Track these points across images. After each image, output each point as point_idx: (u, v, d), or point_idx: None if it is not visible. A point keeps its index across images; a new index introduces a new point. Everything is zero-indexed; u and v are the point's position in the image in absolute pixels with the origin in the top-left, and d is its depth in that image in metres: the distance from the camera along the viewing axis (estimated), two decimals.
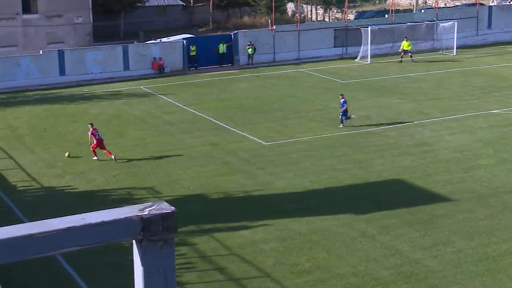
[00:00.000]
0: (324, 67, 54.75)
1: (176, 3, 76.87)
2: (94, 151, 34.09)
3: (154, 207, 3.03)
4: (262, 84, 49.67)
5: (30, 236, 2.73)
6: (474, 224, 26.22)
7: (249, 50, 55.50)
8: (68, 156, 34.70)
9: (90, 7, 61.65)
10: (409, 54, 55.51)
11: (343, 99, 38.56)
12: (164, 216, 2.95)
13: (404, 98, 44.83)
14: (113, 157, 33.93)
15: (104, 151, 34.10)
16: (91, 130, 34.19)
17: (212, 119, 40.91)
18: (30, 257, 2.72)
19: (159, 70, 53.22)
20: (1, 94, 47.69)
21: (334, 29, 59.41)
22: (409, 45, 55.55)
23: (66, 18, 60.37)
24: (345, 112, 38.64)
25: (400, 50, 55.90)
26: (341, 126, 38.47)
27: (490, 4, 73.39)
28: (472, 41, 62.35)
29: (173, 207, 3.01)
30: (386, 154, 34.17)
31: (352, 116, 38.82)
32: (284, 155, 34.42)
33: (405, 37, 56.08)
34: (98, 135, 33.98)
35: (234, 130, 38.67)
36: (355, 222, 26.55)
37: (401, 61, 55.51)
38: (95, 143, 33.93)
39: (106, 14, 69.39)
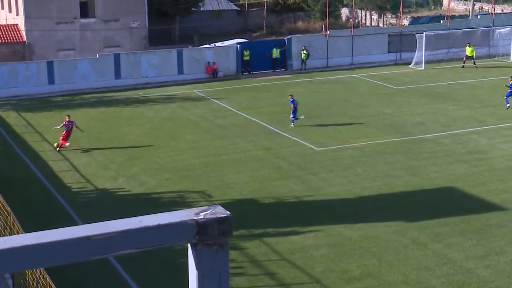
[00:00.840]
0: (378, 73, 54.43)
1: (230, 8, 77.30)
2: (63, 141, 36.42)
3: (209, 211, 3.09)
4: (316, 89, 49.61)
5: (88, 238, 2.81)
6: None
7: (303, 55, 55.51)
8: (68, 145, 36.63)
9: (146, 11, 62.36)
10: (472, 60, 54.95)
11: (292, 99, 39.59)
12: (219, 220, 3.01)
13: (459, 105, 44.32)
14: (55, 145, 36.46)
15: (62, 141, 36.37)
16: (66, 121, 36.41)
17: (265, 124, 41.00)
18: (88, 259, 2.80)
19: (213, 74, 53.56)
20: (59, 96, 48.57)
21: (389, 35, 59.05)
22: (472, 51, 55.02)
23: (123, 23, 61.19)
24: (294, 113, 39.47)
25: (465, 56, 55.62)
26: (292, 126, 39.59)
27: None
28: None
29: (228, 212, 3.08)
30: (440, 162, 33.81)
31: (300, 117, 39.49)
32: (337, 161, 34.31)
33: (468, 43, 55.58)
34: (70, 128, 36.31)
35: (287, 135, 38.70)
36: (407, 229, 26.33)
37: (463, 67, 55.05)
38: (64, 133, 36.33)
39: (161, 19, 70.13)
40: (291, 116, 39.90)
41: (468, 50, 55.34)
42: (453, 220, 27.00)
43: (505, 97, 42.56)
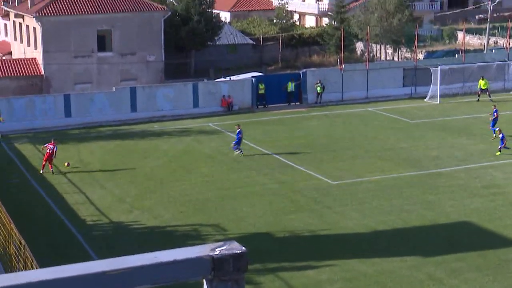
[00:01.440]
0: (393, 107, 54.43)
1: (246, 42, 77.76)
2: (44, 164, 38.53)
3: (225, 247, 3.11)
4: (331, 123, 49.65)
5: (104, 273, 2.83)
6: None
7: (318, 89, 55.64)
8: (67, 165, 39.10)
9: (163, 45, 62.88)
10: (487, 93, 54.95)
11: (239, 130, 41.21)
12: (235, 256, 3.03)
13: (474, 139, 44.20)
14: (52, 170, 38.43)
15: (48, 164, 38.51)
16: (51, 144, 38.57)
17: (280, 157, 41.01)
18: None
19: (228, 108, 53.75)
20: (75, 129, 48.84)
21: (403, 69, 59.11)
22: (485, 84, 55.05)
23: (139, 56, 61.69)
24: (237, 144, 41.19)
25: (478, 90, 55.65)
26: (238, 153, 41.09)
27: None
28: None
29: (243, 248, 3.09)
30: (455, 196, 33.66)
31: (240, 152, 41.09)
32: (352, 195, 34.23)
33: (482, 76, 55.63)
34: (52, 150, 38.25)
35: (302, 168, 38.68)
36: (422, 264, 26.15)
37: (478, 100, 55.05)
38: (46, 155, 38.41)
39: (177, 52, 70.64)
40: (233, 144, 41.76)
41: (482, 83, 55.35)
42: (470, 255, 26.81)
43: (491, 127, 44.47)
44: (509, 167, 38.12)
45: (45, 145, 39.32)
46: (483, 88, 55.32)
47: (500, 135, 40.36)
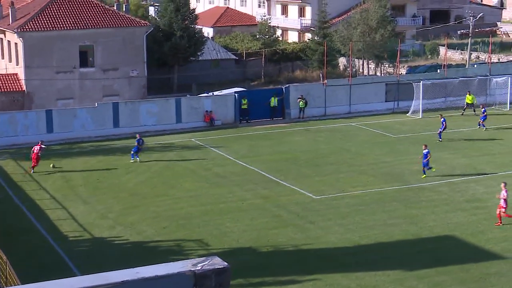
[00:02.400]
0: (376, 121, 54.62)
1: (229, 57, 77.85)
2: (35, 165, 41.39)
3: (207, 263, 3.11)
4: (314, 138, 49.73)
5: None
6: None
7: (301, 104, 55.74)
8: (53, 167, 41.64)
9: (145, 61, 62.84)
10: (473, 107, 55.39)
11: (138, 138, 43.78)
12: (217, 272, 3.03)
13: (457, 153, 44.42)
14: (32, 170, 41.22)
15: (34, 163, 41.34)
16: (37, 145, 41.60)
17: (263, 172, 41.02)
18: None
19: (211, 123, 53.75)
20: (58, 145, 48.59)
21: (386, 84, 59.41)
22: (472, 99, 55.55)
23: (122, 72, 61.60)
24: (135, 150, 43.50)
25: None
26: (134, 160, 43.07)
27: None
28: None
29: (226, 263, 3.09)
30: (438, 210, 33.78)
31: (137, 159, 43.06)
32: (335, 209, 34.29)
33: (468, 91, 56.10)
34: (38, 151, 41.37)
35: (285, 183, 38.70)
36: (406, 278, 26.20)
37: (462, 114, 55.54)
38: (33, 155, 41.32)
39: (160, 68, 70.59)
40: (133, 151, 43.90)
41: (469, 98, 55.77)
42: (452, 269, 26.90)
43: (481, 122, 49.67)
44: (491, 181, 38.31)
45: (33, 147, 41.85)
46: (469, 103, 55.69)
47: (425, 151, 39.37)
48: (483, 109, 51.10)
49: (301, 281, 26.18)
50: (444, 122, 48.08)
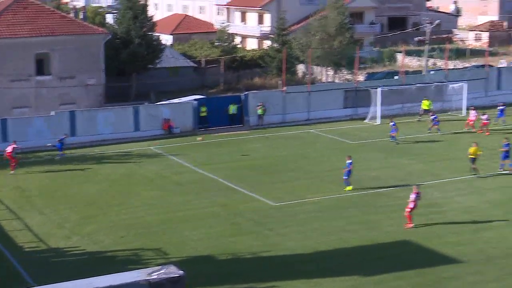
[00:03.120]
0: (334, 128, 54.88)
1: (187, 65, 77.67)
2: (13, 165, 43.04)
3: (162, 271, 3.07)
4: (272, 145, 49.79)
5: None
6: (483, 286, 26.01)
7: (259, 111, 55.78)
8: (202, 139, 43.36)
9: (103, 69, 62.40)
10: (430, 113, 55.77)
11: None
12: (172, 280, 2.99)
13: (414, 159, 44.81)
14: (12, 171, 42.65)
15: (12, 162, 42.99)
16: (13, 145, 43.36)
17: (222, 180, 40.95)
18: None
19: (169, 131, 53.51)
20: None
21: (344, 90, 59.75)
22: (429, 104, 56.09)
23: (79, 80, 61.08)
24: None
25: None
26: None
27: (499, 66, 73.74)
28: (481, 102, 62.46)
29: (181, 271, 3.06)
30: (395, 215, 34.00)
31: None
32: (293, 216, 34.34)
33: (425, 97, 56.66)
34: (13, 151, 42.93)
35: (243, 190, 38.66)
36: (363, 284, 26.33)
37: (419, 120, 56.02)
38: (7, 155, 43.03)
39: (118, 76, 70.14)
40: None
41: (425, 104, 56.32)
42: (409, 273, 27.11)
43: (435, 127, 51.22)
44: (447, 186, 38.72)
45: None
46: (426, 108, 56.23)
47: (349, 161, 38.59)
48: (434, 115, 52.25)
49: None
50: (394, 126, 48.99)
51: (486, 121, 51.28)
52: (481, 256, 28.73)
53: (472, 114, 52.33)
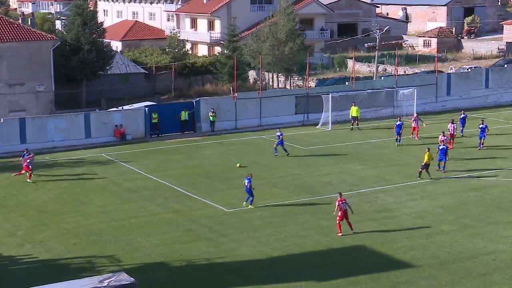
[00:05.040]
0: (286, 134, 54.91)
1: (138, 71, 77.23)
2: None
3: (113, 279, 3.00)
4: (225, 151, 49.73)
5: None
6: None
7: (211, 117, 55.68)
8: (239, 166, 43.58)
9: (52, 75, 61.66)
10: (357, 121, 55.86)
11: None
12: None
13: (366, 164, 45.17)
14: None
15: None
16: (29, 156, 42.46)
17: (175, 186, 40.74)
18: None
19: (121, 138, 53.09)
20: None
21: (296, 96, 60.01)
22: (357, 111, 55.83)
23: (28, 87, 60.30)
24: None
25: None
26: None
27: (449, 72, 74.92)
28: (432, 107, 63.40)
29: (133, 279, 2.98)
30: (349, 221, 34.16)
31: None
32: (247, 222, 34.32)
33: (354, 103, 56.53)
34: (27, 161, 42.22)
35: (197, 197, 38.52)
36: None
37: (351, 129, 55.92)
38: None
39: (68, 83, 69.40)
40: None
41: (354, 111, 56.09)
42: (363, 278, 27.27)
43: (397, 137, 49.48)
44: (399, 192, 39.11)
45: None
46: (354, 115, 56.04)
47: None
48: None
49: None
50: (280, 136, 47.30)
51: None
52: (434, 261, 29.05)
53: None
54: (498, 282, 26.93)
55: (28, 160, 42.64)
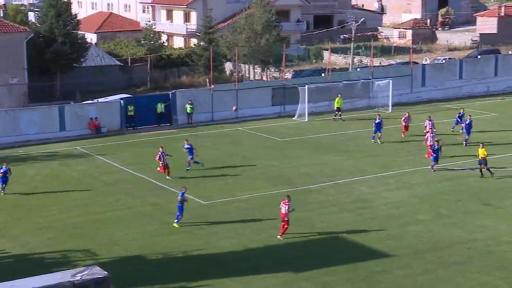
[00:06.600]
0: (263, 126, 55.01)
1: (113, 63, 76.71)
2: None
3: (86, 272, 2.91)
4: (201, 143, 49.50)
5: None
6: (413, 279, 26.41)
7: (188, 109, 55.41)
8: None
9: (26, 68, 61.07)
10: (339, 112, 56.01)
11: None
12: (97, 282, 2.83)
13: (342, 155, 45.24)
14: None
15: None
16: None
17: (151, 179, 40.54)
18: None
19: (96, 130, 52.73)
20: None
21: (272, 88, 59.95)
22: (340, 102, 56.05)
23: (1, 79, 59.70)
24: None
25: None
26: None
27: (424, 63, 75.20)
28: (407, 98, 63.63)
29: (106, 272, 2.89)
30: (325, 211, 34.30)
31: None
32: (224, 214, 34.25)
33: (339, 94, 56.81)
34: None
35: (173, 189, 38.33)
36: (295, 280, 26.43)
37: (334, 119, 56.22)
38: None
39: (42, 75, 68.79)
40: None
41: (337, 101, 56.24)
42: (340, 269, 27.33)
43: (373, 134, 47.94)
44: (374, 182, 39.23)
45: None
46: (338, 106, 56.25)
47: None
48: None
49: (191, 287, 25.98)
50: (189, 148, 42.67)
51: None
52: (410, 250, 29.19)
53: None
54: (473, 271, 27.14)
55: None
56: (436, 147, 41.03)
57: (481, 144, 40.17)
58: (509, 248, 29.47)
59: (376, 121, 48.49)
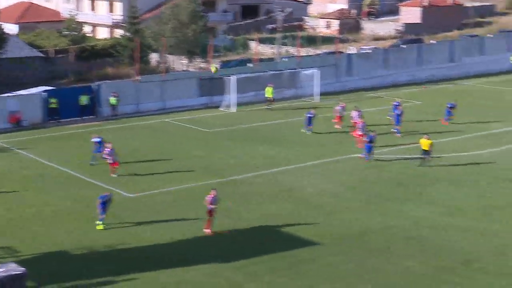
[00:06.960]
0: (190, 117, 54.55)
1: (35, 55, 74.89)
2: None
3: (2, 270, 2.54)
4: (127, 135, 48.80)
5: None
6: (339, 267, 26.60)
7: (113, 101, 54.41)
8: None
9: None
10: (271, 101, 56.24)
11: None
12: (13, 278, 2.48)
13: (269, 145, 45.20)
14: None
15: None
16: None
17: (75, 173, 39.69)
18: None
19: (17, 124, 51.34)
20: None
21: (199, 79, 59.48)
22: (272, 92, 56.24)
23: None
24: None
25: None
26: None
27: (349, 52, 75.83)
28: (333, 88, 63.96)
29: (23, 268, 2.52)
30: (252, 201, 34.21)
31: None
32: (150, 207, 33.83)
33: (269, 84, 56.91)
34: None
35: (97, 183, 37.62)
36: (221, 270, 26.28)
37: (268, 108, 56.38)
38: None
39: None
40: None
41: (268, 91, 56.50)
42: (267, 258, 27.32)
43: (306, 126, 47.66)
44: (301, 172, 39.31)
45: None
46: (269, 96, 56.42)
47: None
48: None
49: (118, 281, 25.54)
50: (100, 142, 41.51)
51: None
52: (336, 238, 29.34)
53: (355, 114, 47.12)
54: (398, 255, 27.46)
55: None
56: (372, 137, 40.79)
57: (425, 136, 40.24)
58: (429, 233, 29.97)
59: (308, 114, 48.22)
